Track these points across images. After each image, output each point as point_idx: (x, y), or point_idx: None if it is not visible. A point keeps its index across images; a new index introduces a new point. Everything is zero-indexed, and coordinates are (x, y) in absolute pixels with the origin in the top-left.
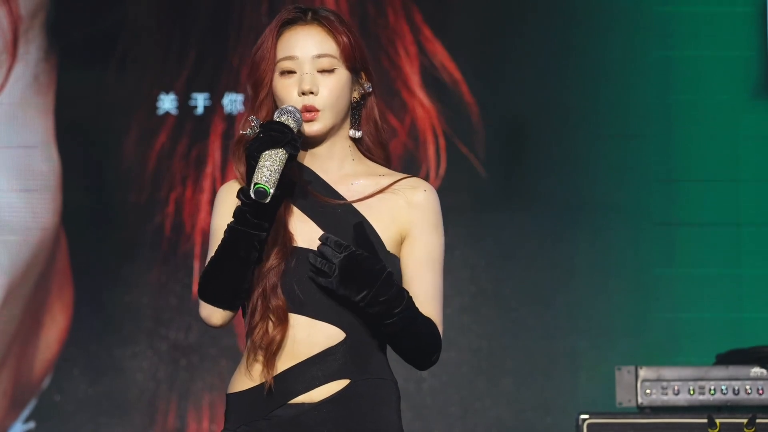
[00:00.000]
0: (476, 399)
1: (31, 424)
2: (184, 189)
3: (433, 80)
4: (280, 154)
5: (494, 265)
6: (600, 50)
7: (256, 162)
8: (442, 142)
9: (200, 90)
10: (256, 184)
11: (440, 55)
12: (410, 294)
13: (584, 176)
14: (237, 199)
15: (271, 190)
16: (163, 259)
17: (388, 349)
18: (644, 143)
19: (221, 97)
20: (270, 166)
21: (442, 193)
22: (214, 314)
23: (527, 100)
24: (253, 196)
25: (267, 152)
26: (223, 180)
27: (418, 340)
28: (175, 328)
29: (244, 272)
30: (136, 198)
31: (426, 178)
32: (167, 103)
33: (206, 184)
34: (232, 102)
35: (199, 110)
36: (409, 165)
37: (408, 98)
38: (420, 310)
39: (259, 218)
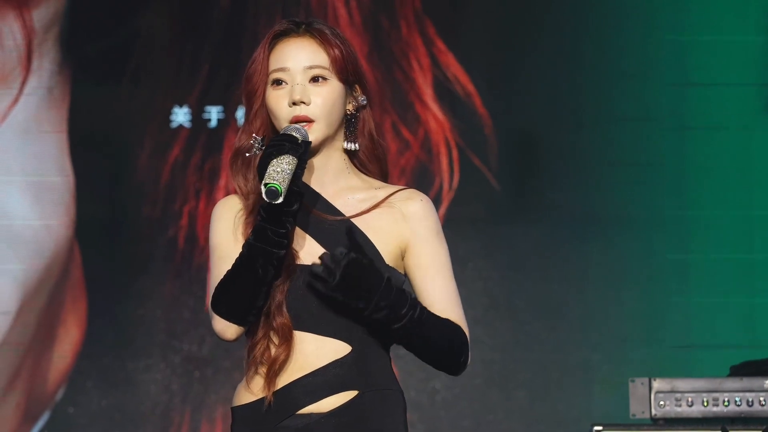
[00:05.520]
0: (489, 411)
1: None
2: (198, 202)
3: (446, 92)
4: (289, 158)
5: (507, 277)
6: (612, 63)
7: (266, 170)
8: (455, 154)
9: (214, 103)
10: (266, 184)
11: (453, 67)
12: (428, 302)
13: (597, 188)
14: (235, 216)
15: (283, 189)
16: (177, 271)
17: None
18: (657, 154)
19: (235, 109)
20: (278, 168)
21: (456, 205)
22: (228, 329)
23: (540, 112)
24: (265, 198)
25: (275, 159)
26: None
27: (436, 340)
28: (188, 341)
29: (260, 289)
30: (149, 211)
31: (439, 191)
32: (181, 116)
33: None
34: None
35: (213, 123)
36: (423, 177)
37: (421, 110)
38: (444, 316)
39: (280, 236)
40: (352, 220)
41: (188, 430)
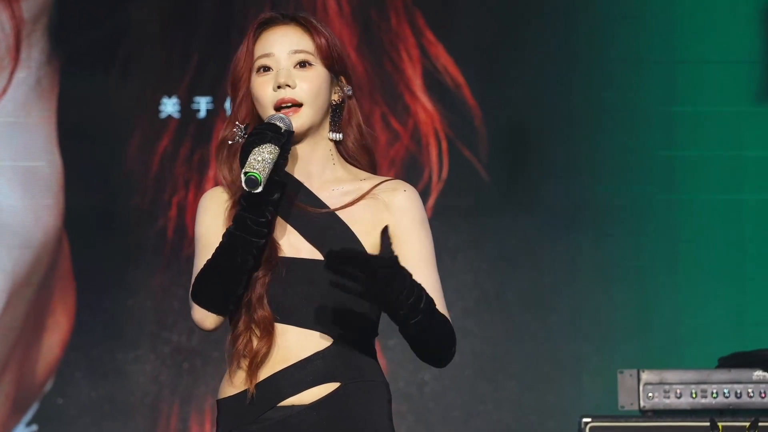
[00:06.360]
0: (479, 403)
1: (34, 428)
2: (187, 192)
3: (435, 84)
4: (270, 148)
5: (497, 268)
6: (602, 55)
7: (247, 158)
8: (444, 145)
9: (203, 94)
10: (246, 173)
11: (443, 58)
12: None
13: (587, 180)
14: (221, 207)
15: (263, 178)
16: (166, 262)
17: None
18: (646, 149)
19: (224, 100)
20: (258, 158)
21: (445, 196)
22: (207, 318)
23: (530, 103)
24: (244, 186)
25: (256, 148)
26: None
27: (440, 331)
28: (177, 332)
29: (240, 278)
30: (138, 202)
31: (429, 182)
32: (170, 106)
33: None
34: None
35: (202, 114)
36: (412, 168)
37: (411, 102)
38: None
39: (259, 225)
40: (337, 212)
41: (177, 421)
